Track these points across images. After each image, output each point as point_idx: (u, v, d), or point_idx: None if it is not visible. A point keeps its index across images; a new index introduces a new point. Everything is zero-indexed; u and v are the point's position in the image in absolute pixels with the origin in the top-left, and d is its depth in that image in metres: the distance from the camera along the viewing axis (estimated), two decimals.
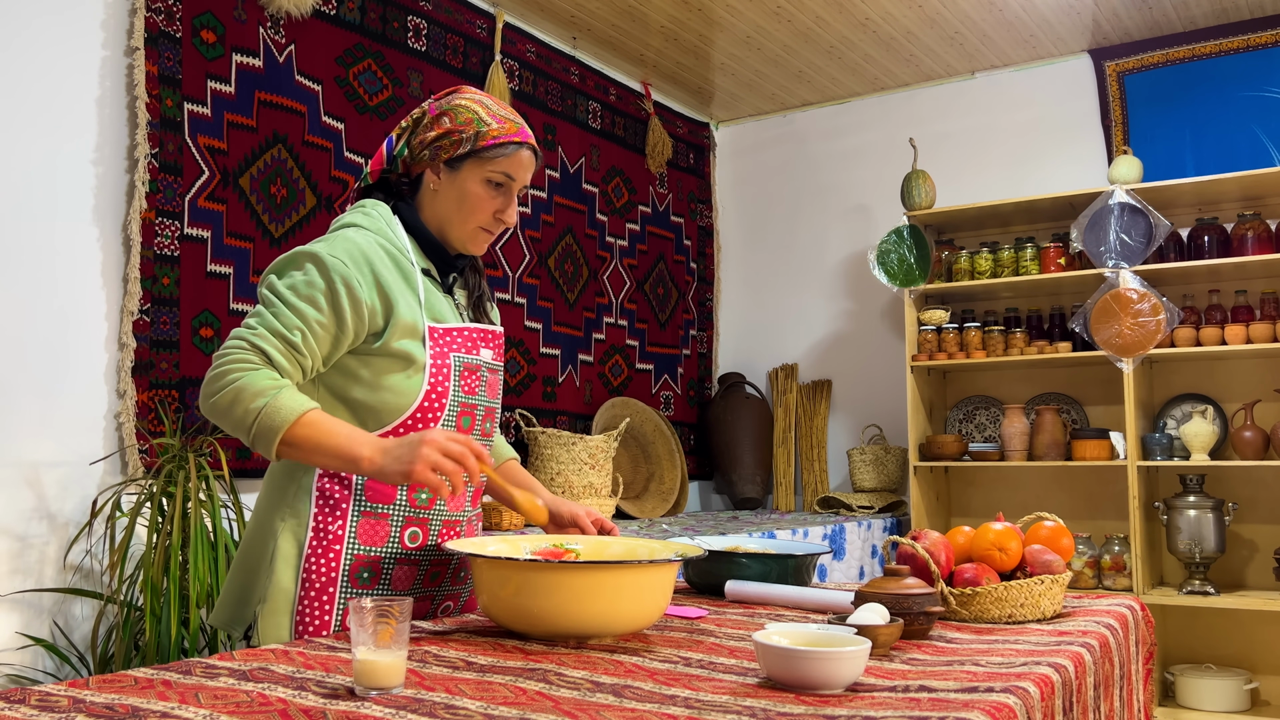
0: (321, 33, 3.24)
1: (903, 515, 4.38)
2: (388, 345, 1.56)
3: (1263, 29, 4.02)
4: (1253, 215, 3.79)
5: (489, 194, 1.63)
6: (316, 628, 1.55)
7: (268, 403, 1.44)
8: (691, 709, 1.07)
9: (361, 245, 1.57)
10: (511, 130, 1.63)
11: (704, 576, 1.90)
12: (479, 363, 1.67)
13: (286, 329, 1.50)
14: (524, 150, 1.64)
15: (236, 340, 1.50)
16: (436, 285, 1.67)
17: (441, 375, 1.60)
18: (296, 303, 1.52)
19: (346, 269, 1.53)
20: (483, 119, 1.62)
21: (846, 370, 4.83)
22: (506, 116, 1.64)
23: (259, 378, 1.46)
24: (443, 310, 1.65)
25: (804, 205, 4.98)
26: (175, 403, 2.76)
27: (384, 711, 1.05)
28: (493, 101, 1.66)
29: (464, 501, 1.68)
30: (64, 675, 2.51)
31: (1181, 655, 3.95)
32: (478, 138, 1.61)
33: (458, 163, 1.62)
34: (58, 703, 1.06)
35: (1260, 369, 3.92)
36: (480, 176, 1.62)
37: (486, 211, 1.64)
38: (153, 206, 2.73)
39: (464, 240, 1.66)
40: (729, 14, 3.97)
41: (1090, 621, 1.63)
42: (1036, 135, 4.45)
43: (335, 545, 1.57)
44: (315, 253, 1.54)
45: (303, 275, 1.53)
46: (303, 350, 1.51)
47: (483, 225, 1.65)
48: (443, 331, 1.62)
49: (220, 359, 1.49)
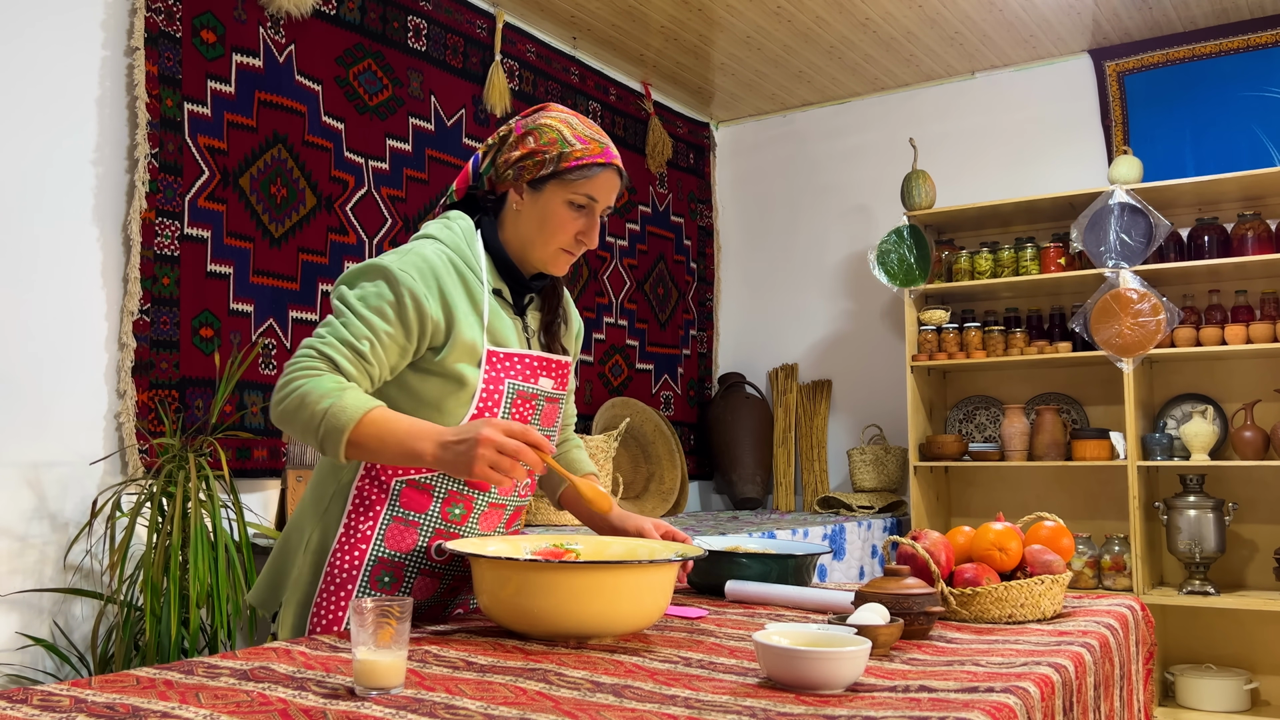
0: (321, 33, 3.24)
1: (903, 515, 4.38)
2: (444, 363, 1.56)
3: (1263, 29, 4.02)
4: (1253, 215, 3.79)
5: (571, 215, 1.61)
6: (329, 623, 1.57)
7: (333, 403, 1.44)
8: (691, 709, 1.07)
9: (431, 260, 1.57)
10: (595, 151, 1.60)
11: (704, 576, 1.90)
12: (536, 391, 1.65)
13: (355, 338, 1.50)
14: (608, 172, 1.61)
15: (305, 349, 1.51)
16: (507, 307, 1.66)
17: (491, 401, 1.59)
18: (365, 313, 1.52)
19: (414, 282, 1.53)
20: (566, 139, 1.60)
21: (846, 370, 4.83)
22: (591, 137, 1.62)
23: (324, 381, 1.47)
24: (507, 334, 1.63)
25: (804, 205, 4.98)
26: (175, 403, 2.76)
27: (384, 711, 1.05)
28: (579, 120, 1.64)
29: (498, 523, 1.69)
30: (64, 675, 2.51)
31: (1181, 655, 3.95)
32: (561, 159, 1.59)
33: (540, 183, 1.60)
34: (59, 702, 1.06)
35: (1260, 369, 3.92)
36: (563, 198, 1.60)
37: (568, 233, 1.62)
38: (153, 206, 2.73)
39: (545, 261, 1.64)
40: (729, 14, 3.97)
41: (1090, 621, 1.63)
42: (1036, 135, 4.45)
43: (361, 544, 1.58)
44: (386, 265, 1.55)
45: (373, 287, 1.54)
46: (370, 359, 1.51)
47: (564, 246, 1.63)
48: (502, 356, 1.61)
49: (289, 367, 1.50)
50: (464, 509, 1.63)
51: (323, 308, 3.18)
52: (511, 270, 1.66)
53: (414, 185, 3.52)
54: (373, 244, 3.35)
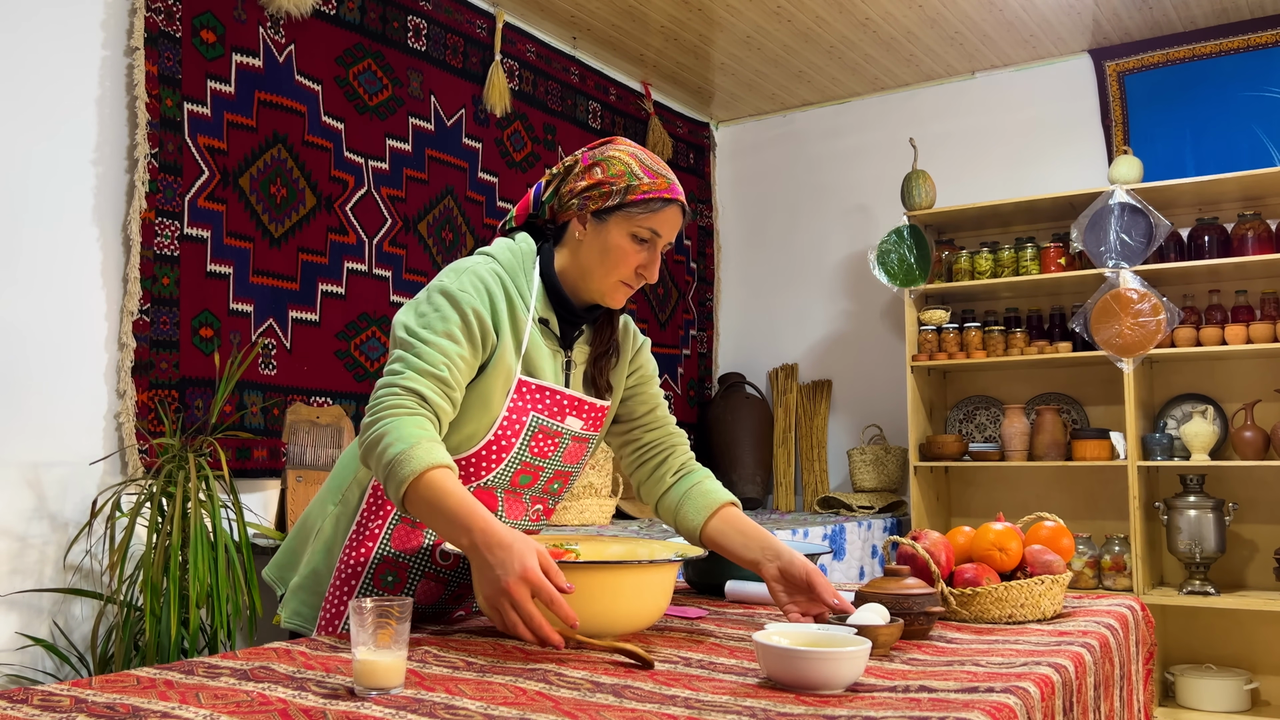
0: (321, 33, 3.24)
1: (903, 515, 4.38)
2: (480, 383, 1.55)
3: (1263, 29, 4.02)
4: (1253, 215, 3.79)
5: (634, 248, 1.59)
6: (331, 616, 1.59)
7: (400, 453, 1.40)
8: (691, 709, 1.07)
9: (485, 278, 1.56)
10: (662, 186, 1.59)
11: (704, 576, 1.90)
12: (561, 429, 1.63)
13: (433, 366, 1.49)
14: (673, 207, 1.60)
15: (387, 388, 1.48)
16: (551, 339, 1.63)
17: (510, 432, 1.58)
18: (436, 339, 1.50)
19: (474, 299, 1.53)
20: (635, 173, 1.59)
21: (846, 370, 4.83)
22: (659, 172, 1.60)
23: (406, 425, 1.43)
24: (543, 365, 1.61)
25: (804, 205, 4.98)
26: (175, 403, 2.76)
27: (384, 711, 1.05)
28: (646, 155, 1.63)
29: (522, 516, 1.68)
30: (64, 675, 2.51)
31: (1181, 655, 3.95)
32: (628, 191, 1.57)
33: (605, 214, 1.59)
34: (60, 702, 1.06)
35: (1260, 369, 3.92)
36: (627, 230, 1.58)
37: (630, 266, 1.59)
38: (153, 206, 2.73)
39: (604, 293, 1.62)
40: (729, 14, 3.97)
41: (1090, 622, 1.63)
42: (1036, 135, 4.45)
43: (369, 541, 1.60)
44: (444, 288, 1.54)
45: (436, 312, 1.53)
46: (452, 384, 1.50)
47: (624, 279, 1.60)
48: (534, 388, 1.59)
49: (373, 408, 1.47)
50: None
51: (323, 307, 3.18)
52: (563, 301, 1.63)
53: (414, 185, 3.51)
54: (372, 244, 3.35)
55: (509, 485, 1.62)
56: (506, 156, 3.91)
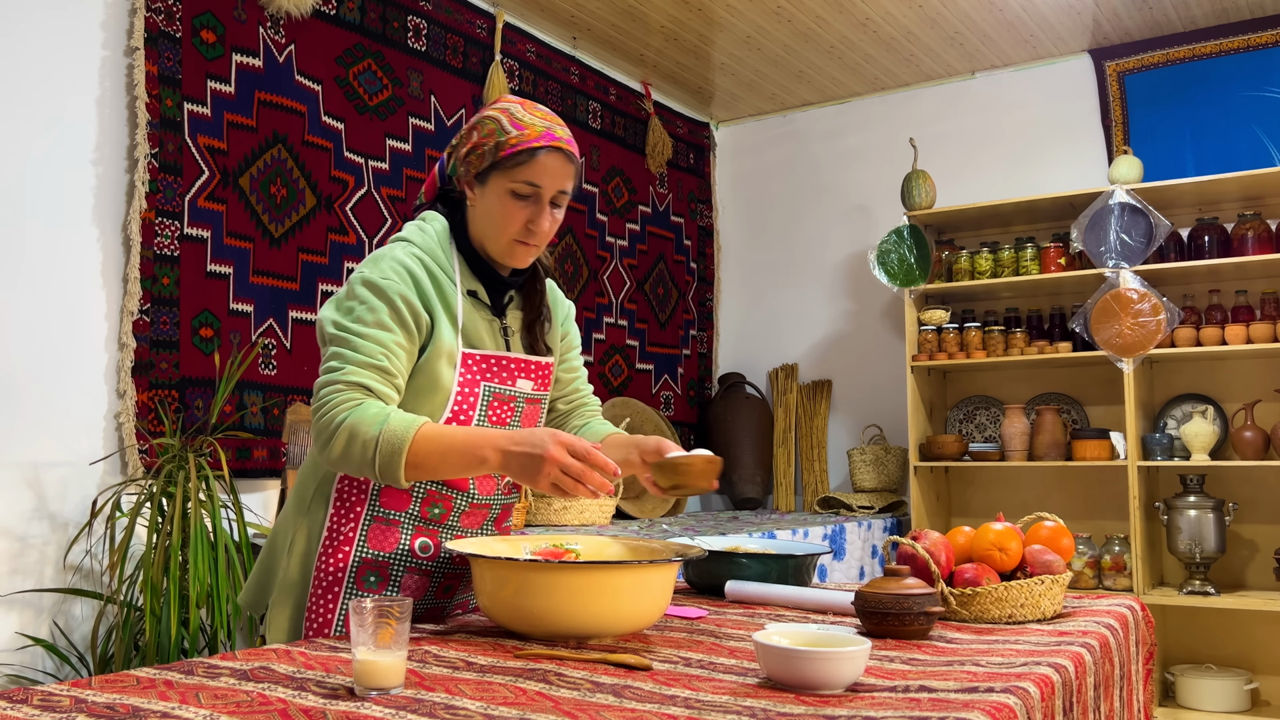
0: (321, 33, 3.24)
1: (903, 515, 4.38)
2: (424, 365, 1.55)
3: (1263, 29, 4.02)
4: (1253, 215, 3.79)
5: (516, 205, 1.57)
6: (319, 625, 1.56)
7: (383, 428, 1.43)
8: (691, 709, 1.07)
9: (405, 261, 1.56)
10: (531, 136, 1.56)
11: (704, 576, 1.90)
12: (514, 393, 1.63)
13: (371, 357, 1.49)
14: (547, 155, 1.56)
15: (329, 386, 1.48)
16: (483, 308, 1.64)
17: (467, 404, 1.58)
18: (368, 330, 1.50)
19: (399, 284, 1.53)
20: (504, 128, 1.57)
21: (846, 370, 4.83)
22: (529, 121, 1.57)
23: (367, 409, 1.45)
24: (481, 335, 1.62)
25: (804, 205, 4.98)
26: (175, 403, 2.76)
27: (384, 711, 1.05)
28: (521, 107, 1.60)
29: (483, 520, 1.67)
30: (64, 675, 2.51)
31: (1181, 655, 3.95)
32: (497, 148, 1.56)
33: (484, 176, 1.58)
34: (60, 702, 1.06)
35: (1260, 369, 3.92)
36: (505, 188, 1.56)
37: (516, 223, 1.58)
38: (153, 206, 2.73)
39: (502, 254, 1.61)
40: (729, 14, 3.97)
41: (1090, 622, 1.63)
42: (1036, 135, 4.45)
43: (345, 546, 1.57)
44: (366, 279, 1.54)
45: (363, 304, 1.52)
46: (393, 372, 1.50)
47: (516, 238, 1.59)
48: (479, 358, 1.59)
49: (319, 410, 1.47)
50: (443, 508, 1.61)
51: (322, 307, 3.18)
52: (487, 269, 1.64)
53: (414, 185, 3.51)
54: (372, 244, 3.35)
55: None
56: None
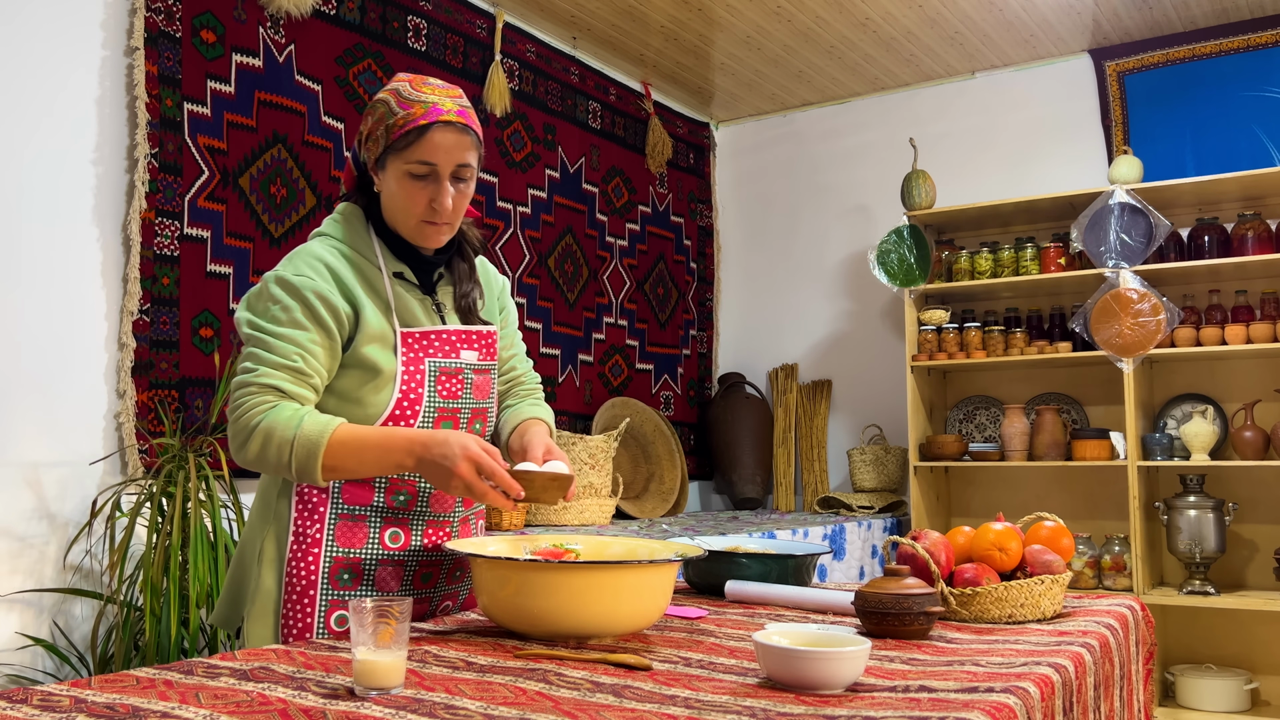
0: (321, 33, 3.24)
1: (903, 515, 4.38)
2: (355, 353, 1.55)
3: (1263, 29, 4.02)
4: (1253, 215, 3.79)
5: (415, 186, 1.55)
6: (300, 631, 1.54)
7: (297, 432, 1.44)
8: (691, 709, 1.07)
9: (321, 254, 1.56)
10: (417, 114, 1.52)
11: (704, 576, 1.90)
12: (460, 365, 1.63)
13: (285, 358, 1.49)
14: (437, 130, 1.52)
15: (243, 389, 1.49)
16: (412, 288, 1.63)
17: (415, 382, 1.58)
18: (282, 330, 1.50)
19: (313, 281, 1.52)
20: (392, 109, 1.54)
21: (846, 370, 4.83)
22: (416, 99, 1.53)
23: (281, 412, 1.46)
24: (416, 314, 1.61)
25: (804, 205, 4.98)
26: (175, 403, 2.76)
27: (384, 711, 1.05)
28: (409, 84, 1.56)
29: (453, 503, 1.66)
30: (64, 675, 2.51)
31: (1181, 655, 3.95)
32: (388, 131, 1.54)
33: (382, 161, 1.56)
34: (59, 702, 1.06)
35: (1260, 369, 3.92)
36: (401, 171, 1.54)
37: (419, 205, 1.56)
38: (152, 206, 2.73)
39: (412, 236, 1.60)
40: (729, 14, 3.97)
41: (1090, 621, 1.63)
42: (1036, 135, 4.45)
43: (314, 548, 1.56)
44: (280, 277, 1.53)
45: (276, 304, 1.52)
46: (309, 371, 1.50)
47: (423, 218, 1.57)
48: (418, 336, 1.59)
49: (235, 411, 1.48)
50: (408, 494, 1.60)
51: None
52: (411, 250, 1.63)
53: None
54: None
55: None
56: (506, 156, 3.91)
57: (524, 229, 3.97)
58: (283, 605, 1.55)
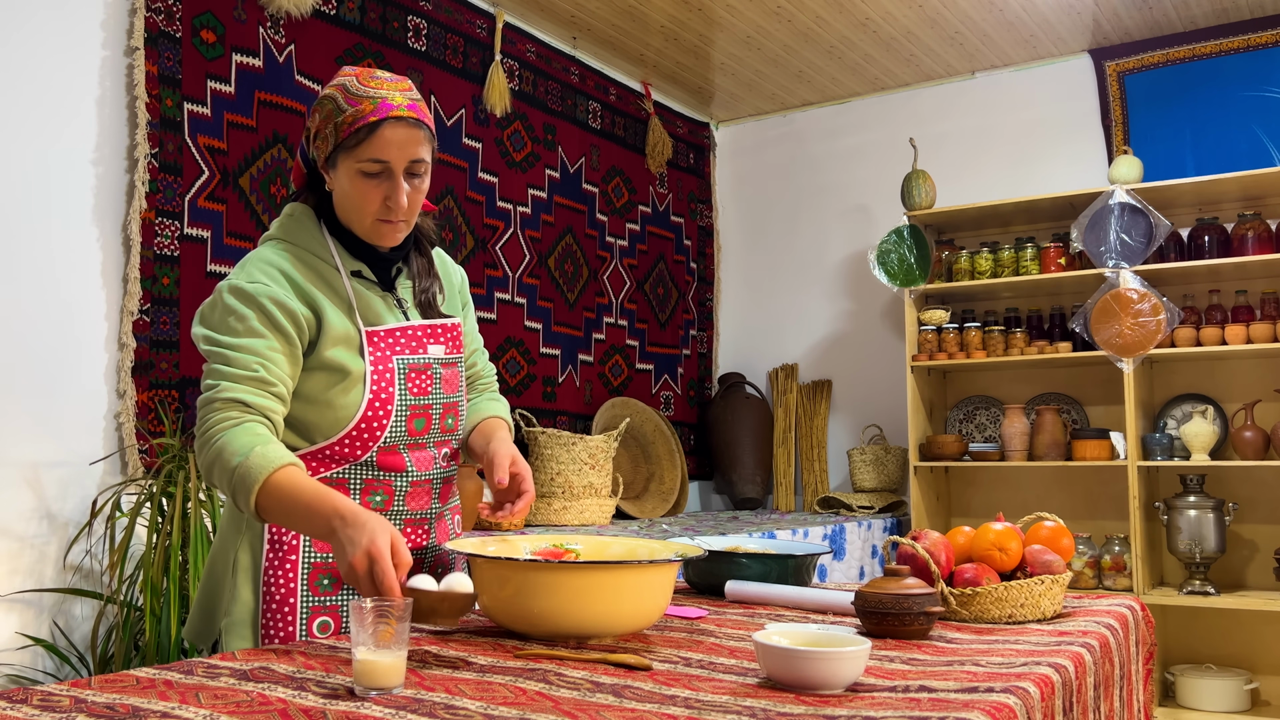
0: (321, 33, 3.24)
1: (903, 515, 4.38)
2: (320, 357, 1.52)
3: (1263, 29, 4.02)
4: (1253, 215, 3.79)
5: (369, 184, 1.50)
6: (281, 640, 1.52)
7: (240, 462, 1.39)
8: (691, 709, 1.07)
9: (273, 260, 1.52)
10: (366, 111, 1.47)
11: (704, 576, 1.90)
12: (427, 360, 1.60)
13: (246, 369, 1.45)
14: (385, 128, 1.47)
15: (207, 405, 1.44)
16: (372, 286, 1.60)
17: (384, 381, 1.55)
18: (240, 341, 1.46)
19: (267, 287, 1.49)
20: (340, 105, 1.49)
21: (846, 370, 4.83)
22: (364, 94, 1.48)
23: (238, 435, 1.41)
24: (379, 312, 1.58)
25: (804, 205, 4.99)
26: (175, 403, 2.76)
27: (384, 711, 1.05)
28: (356, 79, 1.51)
29: (429, 500, 1.64)
30: (64, 675, 2.51)
31: (1182, 655, 3.95)
32: (337, 129, 1.49)
33: (332, 159, 1.52)
34: (59, 702, 1.06)
35: (1260, 369, 3.92)
36: (353, 169, 1.50)
37: (373, 203, 1.52)
38: (153, 206, 2.73)
39: (368, 234, 1.56)
40: (729, 14, 3.97)
41: (1090, 622, 1.63)
42: (1036, 135, 4.45)
43: (291, 555, 1.53)
44: (233, 285, 1.49)
45: (232, 315, 1.48)
46: (272, 380, 1.46)
47: (378, 217, 1.53)
48: (383, 334, 1.56)
49: (201, 425, 1.44)
50: (385, 494, 1.57)
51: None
52: (366, 247, 1.59)
53: None
54: None
55: (408, 437, 1.58)
56: (506, 156, 3.91)
57: (524, 229, 3.97)
58: (261, 615, 1.52)
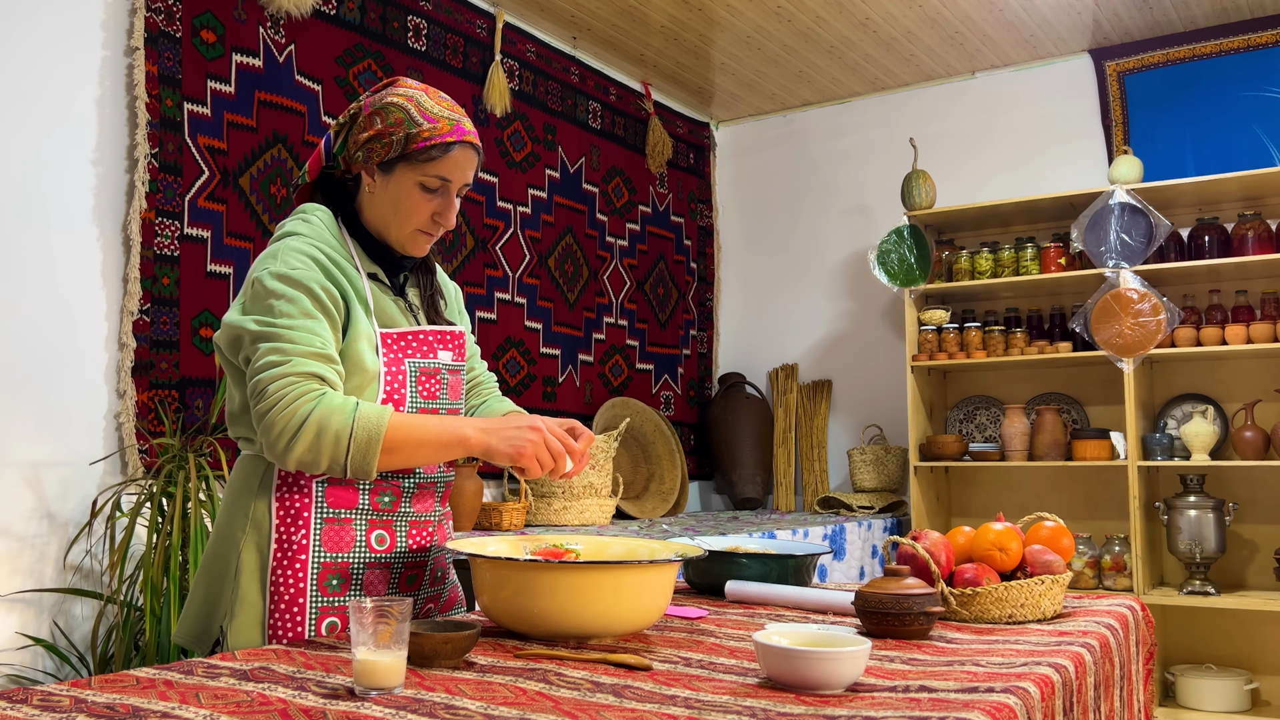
0: (321, 32, 3.24)
1: (903, 515, 4.38)
2: (346, 350, 1.53)
3: (1263, 29, 4.02)
4: (1253, 215, 3.79)
5: (425, 198, 1.56)
6: (291, 641, 1.51)
7: (355, 419, 1.40)
8: (691, 709, 1.07)
9: (306, 251, 1.53)
10: (444, 130, 1.54)
11: (704, 576, 1.90)
12: (437, 366, 1.62)
13: (313, 345, 1.44)
14: (457, 150, 1.55)
15: (279, 380, 1.41)
16: (386, 289, 1.63)
17: (397, 382, 1.56)
18: (298, 321, 1.46)
19: (310, 270, 1.50)
20: (414, 119, 1.54)
21: (846, 370, 4.83)
22: (440, 114, 1.55)
23: (331, 400, 1.42)
24: (393, 315, 1.61)
25: (804, 205, 4.98)
26: (175, 403, 2.76)
27: (384, 711, 1.05)
28: (427, 96, 1.57)
29: (432, 503, 1.65)
30: (64, 675, 2.51)
31: (1182, 655, 3.95)
32: (408, 140, 1.53)
33: (390, 166, 1.56)
34: (60, 702, 1.06)
35: (1260, 369, 3.92)
36: (413, 180, 1.55)
37: (423, 215, 1.57)
38: (153, 206, 2.73)
39: (402, 243, 1.60)
40: (729, 14, 3.97)
41: (1090, 622, 1.63)
42: (1036, 135, 4.45)
43: (300, 555, 1.52)
44: (277, 273, 1.48)
45: (281, 299, 1.46)
46: (335, 359, 1.48)
47: (420, 228, 1.59)
48: (396, 336, 1.58)
49: (278, 405, 1.40)
50: (392, 495, 1.58)
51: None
52: (383, 251, 1.62)
53: None
54: None
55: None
56: (506, 156, 3.91)
57: (524, 229, 3.97)
58: (269, 616, 1.51)
